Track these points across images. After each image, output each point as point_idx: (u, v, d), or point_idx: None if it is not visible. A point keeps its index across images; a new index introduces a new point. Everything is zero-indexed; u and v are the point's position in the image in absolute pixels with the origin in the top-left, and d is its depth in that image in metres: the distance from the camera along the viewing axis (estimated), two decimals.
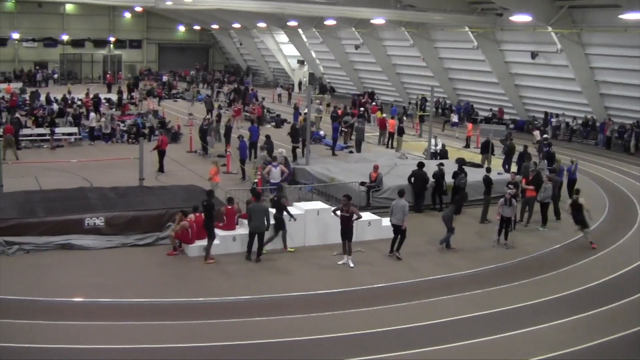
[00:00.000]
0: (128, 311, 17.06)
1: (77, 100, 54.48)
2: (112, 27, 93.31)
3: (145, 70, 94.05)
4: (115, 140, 41.96)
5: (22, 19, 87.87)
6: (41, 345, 14.85)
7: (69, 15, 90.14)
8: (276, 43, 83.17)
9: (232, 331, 15.93)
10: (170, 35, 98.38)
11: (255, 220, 20.82)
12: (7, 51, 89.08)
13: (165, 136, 36.46)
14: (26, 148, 38.52)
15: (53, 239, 21.52)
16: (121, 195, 24.99)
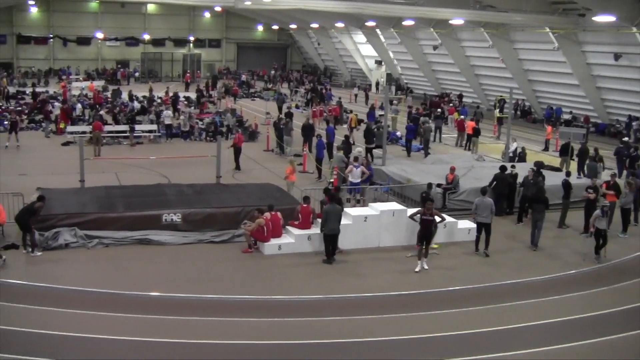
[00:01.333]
0: (202, 307, 17.23)
1: (157, 98, 55.37)
2: (192, 26, 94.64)
3: (224, 69, 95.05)
4: (194, 138, 42.55)
5: (105, 19, 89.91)
6: (119, 337, 15.12)
7: (150, 15, 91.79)
8: (354, 43, 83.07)
9: (305, 330, 15.96)
10: (249, 34, 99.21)
11: (331, 222, 20.83)
12: (91, 50, 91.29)
13: (242, 134, 36.74)
14: (107, 145, 39.31)
15: (131, 234, 21.94)
16: (198, 192, 25.30)
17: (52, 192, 24.59)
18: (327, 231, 20.83)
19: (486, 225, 21.97)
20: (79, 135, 38.18)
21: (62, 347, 14.55)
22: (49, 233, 21.34)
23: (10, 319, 15.90)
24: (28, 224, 20.76)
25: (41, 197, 21.63)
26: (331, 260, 20.81)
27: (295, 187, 26.80)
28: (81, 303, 17.12)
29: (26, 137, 42.01)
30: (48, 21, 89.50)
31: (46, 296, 17.61)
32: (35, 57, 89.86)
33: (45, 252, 20.85)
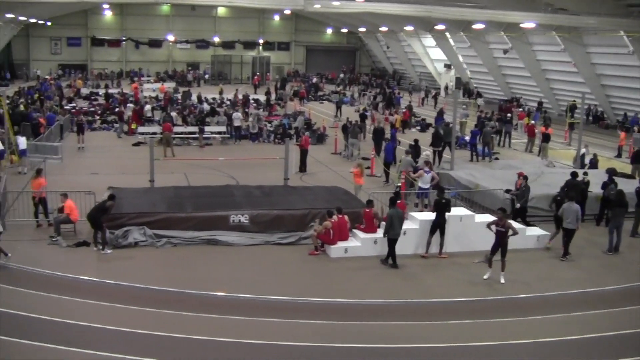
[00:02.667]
0: (267, 308, 17.29)
1: (227, 100, 55.90)
2: (261, 29, 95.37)
3: (293, 72, 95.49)
4: (262, 140, 42.84)
5: (176, 22, 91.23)
6: (185, 335, 15.26)
7: (221, 18, 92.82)
8: (423, 47, 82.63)
9: (366, 334, 15.84)
10: (318, 37, 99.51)
11: (397, 226, 20.74)
12: (162, 52, 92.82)
13: (308, 136, 36.83)
14: (177, 145, 39.82)
15: (199, 234, 22.17)
16: (266, 194, 25.44)
17: (123, 192, 25.01)
18: (392, 235, 20.72)
19: (571, 231, 21.71)
20: (150, 136, 38.77)
21: (129, 343, 14.79)
22: (119, 231, 21.72)
23: (81, 314, 16.27)
24: (99, 222, 21.15)
25: (112, 196, 22.01)
26: (394, 266, 20.71)
27: (363, 191, 26.73)
28: (148, 301, 17.37)
29: (98, 138, 42.92)
30: (121, 24, 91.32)
31: (115, 293, 17.93)
32: (108, 59, 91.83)
33: (115, 250, 21.24)
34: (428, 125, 49.68)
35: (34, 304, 16.94)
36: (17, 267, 19.64)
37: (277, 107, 57.39)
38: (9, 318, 16.05)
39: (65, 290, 17.95)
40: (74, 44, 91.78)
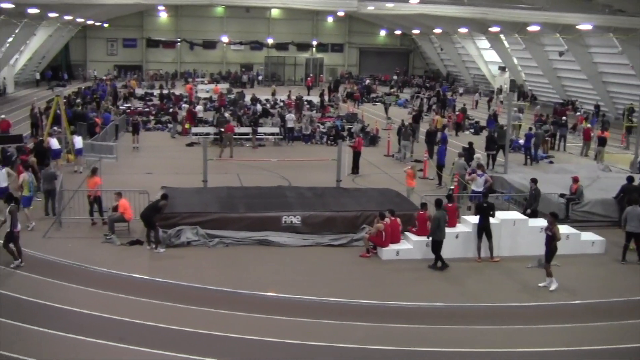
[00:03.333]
0: (318, 309, 17.29)
1: (280, 101, 56.09)
2: (315, 31, 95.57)
3: (346, 73, 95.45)
4: (315, 142, 42.87)
5: (230, 23, 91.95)
6: (234, 335, 15.37)
7: (275, 19, 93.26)
8: (477, 49, 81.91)
9: (416, 336, 15.76)
10: (371, 39, 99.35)
11: (443, 229, 20.61)
12: (216, 53, 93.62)
13: (362, 138, 36.74)
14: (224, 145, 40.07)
15: (251, 235, 22.25)
16: (318, 196, 25.43)
17: (176, 191, 25.24)
18: (439, 237, 20.57)
19: (636, 234, 21.37)
20: (203, 137, 39.11)
21: (179, 342, 14.90)
22: (172, 231, 21.91)
23: (134, 312, 16.46)
24: (152, 221, 21.37)
25: (165, 196, 22.21)
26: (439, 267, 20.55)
27: (415, 193, 26.58)
28: (200, 300, 17.50)
29: (153, 138, 43.42)
30: (176, 26, 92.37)
31: (167, 292, 18.09)
32: (163, 60, 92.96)
33: (168, 249, 21.44)
34: (481, 128, 49.20)
35: (87, 301, 17.20)
36: (71, 264, 19.95)
37: (331, 108, 57.40)
38: (63, 314, 16.40)
39: (118, 288, 18.18)
40: (130, 45, 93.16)
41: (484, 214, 21.42)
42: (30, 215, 23.80)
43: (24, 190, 23.87)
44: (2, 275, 18.86)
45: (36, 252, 20.87)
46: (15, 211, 19.23)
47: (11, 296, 17.43)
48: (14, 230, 19.28)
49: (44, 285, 18.34)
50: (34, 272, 19.15)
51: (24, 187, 23.91)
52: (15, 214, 19.23)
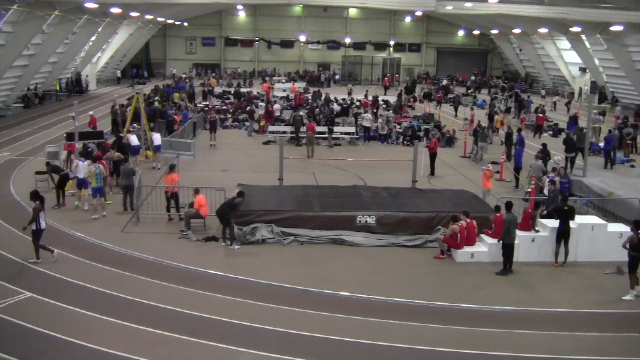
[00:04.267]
0: (390, 309, 17.19)
1: (356, 101, 56.02)
2: (392, 30, 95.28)
3: (423, 73, 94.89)
4: (391, 142, 42.70)
5: (308, 23, 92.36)
6: (305, 332, 15.47)
7: (352, 19, 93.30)
8: (557, 49, 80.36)
9: (487, 340, 15.55)
10: (449, 39, 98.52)
11: (513, 232, 20.28)
12: (294, 52, 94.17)
13: (438, 139, 36.44)
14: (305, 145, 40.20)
15: (326, 233, 22.26)
16: (393, 196, 25.29)
17: (252, 189, 25.42)
18: (507, 241, 20.22)
19: None
20: (280, 135, 39.33)
21: (251, 338, 15.01)
22: (247, 228, 22.08)
23: (208, 307, 16.66)
24: (228, 218, 21.56)
25: (241, 193, 22.36)
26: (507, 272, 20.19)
27: (491, 195, 26.21)
28: (273, 298, 17.60)
29: (230, 135, 43.88)
30: (254, 25, 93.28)
31: (241, 288, 18.24)
32: (241, 58, 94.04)
33: (243, 246, 21.63)
34: (560, 130, 48.22)
35: (162, 295, 17.48)
36: (148, 259, 20.30)
37: (407, 108, 57.08)
38: (139, 307, 16.74)
39: (193, 283, 18.44)
40: (209, 44, 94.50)
41: (565, 217, 20.96)
42: (96, 206, 24.70)
43: (92, 182, 24.59)
44: (82, 269, 19.32)
45: (114, 246, 21.34)
46: (38, 209, 19.50)
47: (90, 288, 17.86)
48: (39, 228, 19.57)
49: (121, 278, 18.72)
50: (112, 266, 19.60)
51: (91, 179, 24.56)
52: (38, 212, 19.51)
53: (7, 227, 23.20)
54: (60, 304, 16.75)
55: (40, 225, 19.47)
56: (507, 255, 20.26)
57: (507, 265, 20.22)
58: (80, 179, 26.03)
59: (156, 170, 31.59)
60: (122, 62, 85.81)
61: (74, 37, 58.37)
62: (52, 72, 64.23)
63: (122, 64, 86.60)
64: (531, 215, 22.00)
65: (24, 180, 29.07)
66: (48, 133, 43.09)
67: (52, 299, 17.04)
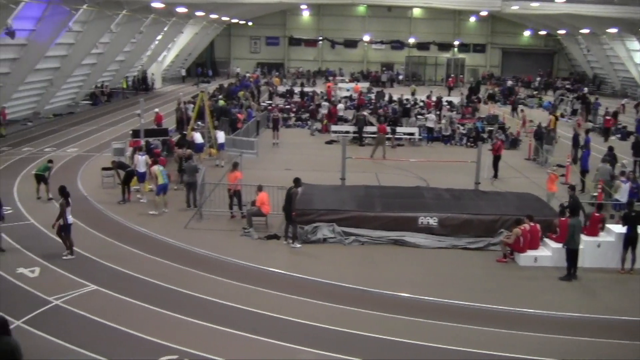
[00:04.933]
0: (450, 312, 17.05)
1: (420, 101, 55.76)
2: (456, 30, 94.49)
3: (488, 74, 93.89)
4: (454, 143, 42.37)
5: (372, 23, 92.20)
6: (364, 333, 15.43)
7: (416, 19, 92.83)
8: (627, 50, 78.59)
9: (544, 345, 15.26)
10: (514, 40, 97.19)
11: (578, 237, 19.89)
12: (357, 52, 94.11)
13: (502, 141, 36.02)
14: (369, 145, 40.14)
15: (387, 234, 22.19)
16: (456, 197, 25.09)
17: (314, 188, 25.48)
18: (571, 246, 19.83)
19: None
20: (342, 135, 39.34)
21: (310, 337, 15.08)
22: (308, 227, 22.15)
23: (268, 305, 16.78)
24: (291, 213, 21.59)
25: (297, 181, 22.25)
26: (571, 277, 19.79)
27: (556, 199, 25.80)
28: (333, 297, 17.63)
29: (293, 134, 44.06)
30: (318, 24, 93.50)
31: (301, 287, 18.32)
32: (305, 58, 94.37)
33: (304, 244, 21.68)
34: (629, 133, 47.23)
35: (223, 291, 17.66)
36: (210, 255, 20.52)
37: (471, 109, 56.55)
38: (200, 302, 16.95)
39: (254, 280, 18.59)
40: (272, 43, 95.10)
41: (633, 223, 20.51)
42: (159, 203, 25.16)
43: (158, 179, 25.01)
44: (145, 263, 19.64)
45: (177, 242, 21.62)
46: (64, 205, 19.79)
47: (152, 283, 18.14)
48: (66, 223, 19.86)
49: (183, 274, 18.97)
50: (175, 262, 19.89)
51: (157, 176, 25.04)
52: (65, 208, 19.78)
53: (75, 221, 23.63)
54: (123, 297, 17.12)
55: (67, 221, 19.83)
56: (571, 260, 19.89)
57: (571, 270, 19.86)
58: (140, 173, 26.75)
59: (219, 168, 31.86)
60: (187, 60, 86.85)
61: (141, 36, 59.36)
62: (119, 71, 65.49)
63: (187, 63, 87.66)
64: (599, 219, 21.59)
65: (90, 176, 29.61)
66: (114, 130, 43.88)
67: (115, 292, 17.43)
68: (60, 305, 16.52)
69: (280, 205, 23.15)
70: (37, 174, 26.42)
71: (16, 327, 14.65)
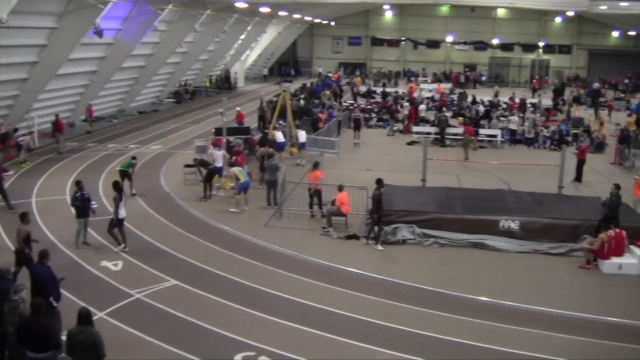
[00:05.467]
0: (530, 318, 16.75)
1: (503, 103, 55.07)
2: (541, 31, 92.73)
3: (573, 76, 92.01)
4: (537, 146, 41.67)
5: (455, 23, 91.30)
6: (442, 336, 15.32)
7: (500, 19, 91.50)
8: None
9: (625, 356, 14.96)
10: (602, 41, 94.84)
11: None
12: (440, 53, 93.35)
13: (587, 145, 35.27)
14: (450, 146, 39.85)
15: (468, 237, 21.96)
16: (538, 201, 24.67)
17: (394, 189, 25.40)
18: None
19: None
20: (424, 136, 39.12)
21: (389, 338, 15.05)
22: (388, 228, 22.10)
23: (344, 304, 16.83)
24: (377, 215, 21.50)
25: (380, 182, 22.05)
26: None
27: None
28: (411, 299, 17.57)
29: (374, 135, 44.06)
30: (400, 25, 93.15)
31: (379, 288, 18.31)
32: (387, 58, 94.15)
33: (383, 245, 21.59)
34: None
35: (301, 289, 17.80)
36: (289, 254, 20.68)
37: (556, 112, 55.56)
38: (277, 300, 17.16)
39: (332, 280, 18.68)
40: (355, 43, 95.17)
41: None
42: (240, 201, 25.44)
43: (240, 179, 25.30)
44: (225, 260, 19.90)
45: (257, 240, 21.85)
46: (117, 199, 20.24)
47: (231, 279, 18.39)
48: (119, 218, 20.28)
49: (262, 271, 19.21)
50: (254, 259, 20.14)
51: (238, 176, 25.33)
52: (118, 202, 20.20)
53: (157, 217, 24.20)
54: (202, 293, 17.45)
55: (119, 215, 20.28)
56: None
57: None
58: (219, 167, 27.40)
59: (300, 167, 32.07)
60: (269, 60, 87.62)
61: (224, 35, 60.09)
62: (203, 69, 66.51)
63: (270, 62, 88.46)
64: None
65: (173, 173, 30.15)
66: (197, 128, 44.56)
67: (195, 287, 17.76)
68: (141, 299, 16.93)
69: (361, 205, 23.21)
70: (121, 170, 27.04)
71: (99, 318, 15.08)
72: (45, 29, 34.69)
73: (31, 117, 37.33)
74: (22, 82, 35.57)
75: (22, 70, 35.14)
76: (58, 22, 34.73)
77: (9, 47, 32.48)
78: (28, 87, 35.88)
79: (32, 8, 31.48)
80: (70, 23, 34.84)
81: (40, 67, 35.58)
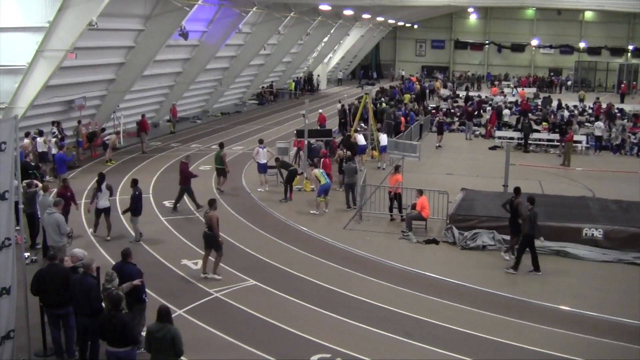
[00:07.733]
0: (613, 329, 16.30)
1: (588, 108, 54.01)
2: (630, 35, 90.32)
3: None
4: (625, 153, 40.66)
5: (540, 26, 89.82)
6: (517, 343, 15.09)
7: (587, 22, 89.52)
8: None
9: None
10: None
11: None
12: (524, 57, 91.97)
13: None
14: (534, 152, 39.26)
15: (549, 244, 21.51)
16: (624, 210, 24.06)
17: (476, 194, 25.18)
18: None
19: None
20: (507, 141, 38.63)
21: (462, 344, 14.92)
22: (468, 233, 21.91)
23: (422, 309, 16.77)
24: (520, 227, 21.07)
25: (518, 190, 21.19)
26: None
27: None
28: (491, 305, 17.38)
29: (455, 139, 43.78)
30: (485, 28, 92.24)
31: (458, 293, 18.18)
32: (470, 62, 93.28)
33: (462, 251, 21.40)
34: None
35: (379, 293, 17.79)
36: (368, 257, 20.70)
37: None
38: (354, 303, 17.16)
39: (410, 284, 18.62)
40: (438, 47, 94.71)
41: None
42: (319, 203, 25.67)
43: (320, 181, 25.59)
44: (304, 262, 20.04)
45: (336, 242, 21.93)
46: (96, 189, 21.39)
47: (309, 281, 18.54)
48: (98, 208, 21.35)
49: (340, 274, 19.26)
50: (332, 261, 20.22)
51: (319, 178, 25.63)
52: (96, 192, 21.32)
53: (238, 217, 24.48)
54: (280, 294, 17.60)
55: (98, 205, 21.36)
56: None
57: None
58: (261, 164, 28.19)
59: (381, 170, 32.03)
60: (352, 62, 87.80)
61: (308, 38, 60.47)
62: (286, 71, 67.09)
63: (352, 65, 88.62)
64: None
65: (254, 174, 30.44)
66: (279, 129, 44.93)
67: (274, 288, 17.93)
68: (220, 298, 17.18)
69: (441, 210, 23.07)
70: (217, 168, 28.15)
71: (178, 315, 15.38)
72: (133, 31, 35.62)
73: (117, 117, 38.30)
74: (109, 83, 36.59)
75: (109, 71, 36.15)
76: (145, 25, 35.61)
77: (98, 48, 33.46)
78: (115, 88, 36.88)
79: (121, 11, 32.35)
80: (157, 25, 35.69)
81: (127, 68, 36.52)
